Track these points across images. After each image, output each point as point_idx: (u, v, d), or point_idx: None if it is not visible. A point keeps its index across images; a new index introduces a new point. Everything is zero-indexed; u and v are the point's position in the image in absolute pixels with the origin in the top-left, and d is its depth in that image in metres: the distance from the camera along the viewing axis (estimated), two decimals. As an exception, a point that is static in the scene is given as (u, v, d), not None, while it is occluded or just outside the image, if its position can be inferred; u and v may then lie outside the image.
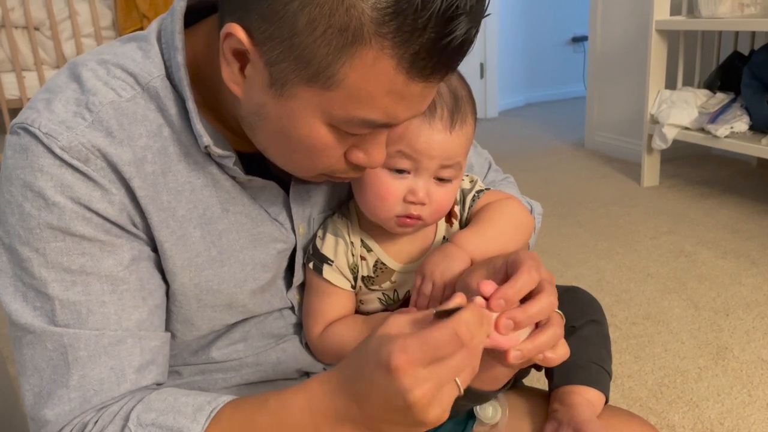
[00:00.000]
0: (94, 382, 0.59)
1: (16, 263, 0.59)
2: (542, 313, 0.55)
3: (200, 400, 0.57)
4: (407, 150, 0.65)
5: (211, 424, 0.55)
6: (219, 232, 0.65)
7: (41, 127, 0.57)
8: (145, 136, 0.60)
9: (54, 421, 0.58)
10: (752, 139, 2.39)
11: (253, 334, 0.72)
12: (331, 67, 0.51)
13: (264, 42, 0.52)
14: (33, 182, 0.57)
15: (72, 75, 0.61)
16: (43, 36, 3.01)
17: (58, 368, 0.58)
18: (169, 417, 0.56)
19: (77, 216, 0.58)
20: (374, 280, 0.73)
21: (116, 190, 0.59)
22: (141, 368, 0.61)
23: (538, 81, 5.06)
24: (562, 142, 3.78)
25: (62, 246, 0.58)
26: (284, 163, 0.62)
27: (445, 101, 0.66)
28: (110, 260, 0.60)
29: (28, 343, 0.59)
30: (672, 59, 2.77)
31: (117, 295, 0.60)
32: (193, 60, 0.61)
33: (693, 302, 1.83)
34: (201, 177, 0.63)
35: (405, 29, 0.49)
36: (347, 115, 0.54)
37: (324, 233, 0.73)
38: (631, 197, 2.75)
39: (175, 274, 0.64)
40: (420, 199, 0.67)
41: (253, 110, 0.58)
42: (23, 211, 0.57)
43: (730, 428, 1.33)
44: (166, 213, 0.62)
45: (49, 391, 0.58)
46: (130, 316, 0.61)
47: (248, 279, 0.68)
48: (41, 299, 0.58)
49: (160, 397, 0.58)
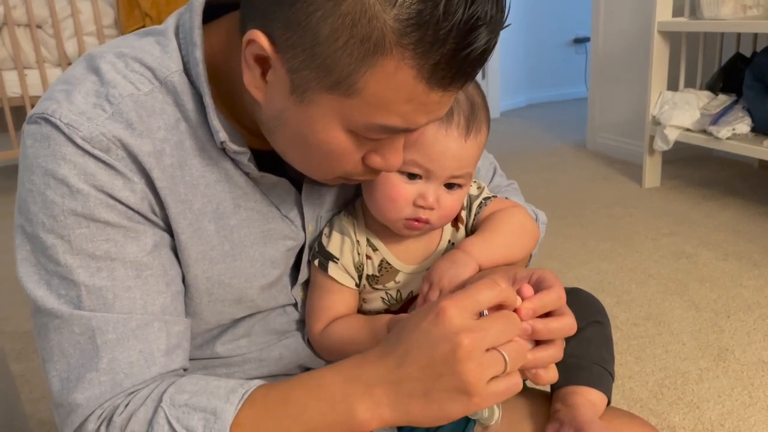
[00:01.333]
0: (123, 365, 0.59)
1: (40, 251, 0.59)
2: (561, 332, 0.58)
3: (233, 383, 0.58)
4: (421, 158, 0.66)
5: (244, 405, 0.56)
6: (231, 228, 0.66)
7: (62, 117, 0.57)
8: (164, 129, 0.61)
9: (85, 404, 0.58)
10: (754, 140, 2.39)
11: (257, 329, 0.73)
12: (353, 76, 0.51)
13: (286, 50, 0.52)
14: (56, 170, 0.57)
15: (90, 67, 0.61)
16: (45, 34, 3.01)
17: (86, 352, 0.58)
18: (203, 398, 0.56)
19: (101, 203, 0.58)
20: (379, 279, 0.73)
21: (138, 179, 0.60)
22: (169, 351, 0.62)
23: (540, 82, 5.06)
24: (563, 143, 3.78)
25: (86, 232, 0.58)
26: (302, 166, 0.63)
27: (462, 109, 0.67)
28: (134, 246, 0.60)
29: (54, 328, 0.59)
30: (674, 60, 2.76)
31: (142, 281, 0.60)
32: (210, 57, 0.62)
33: (694, 304, 1.83)
34: (215, 172, 0.64)
35: (426, 40, 0.49)
36: (367, 121, 0.55)
37: (330, 231, 0.73)
38: (632, 198, 2.75)
39: (189, 266, 0.65)
40: (429, 204, 0.68)
41: (273, 115, 0.58)
42: (46, 198, 0.58)
43: (731, 430, 1.33)
44: (183, 205, 0.62)
45: (78, 375, 0.58)
46: (155, 300, 0.61)
47: (258, 275, 0.68)
48: (66, 286, 0.59)
49: (191, 380, 0.59)
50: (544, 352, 0.57)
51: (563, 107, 4.87)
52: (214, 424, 0.55)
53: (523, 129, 4.23)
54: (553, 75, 5.09)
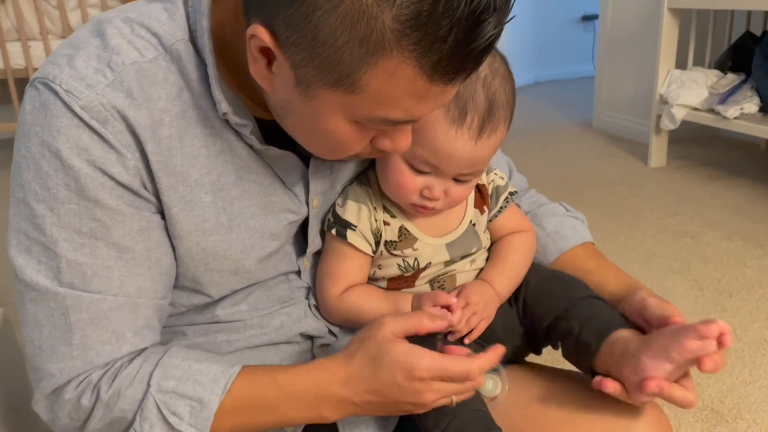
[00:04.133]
0: (95, 343, 0.62)
1: (28, 218, 0.60)
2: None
3: (214, 371, 0.63)
4: (430, 156, 0.67)
5: (226, 395, 0.62)
6: (231, 199, 0.66)
7: (62, 83, 0.57)
8: (165, 99, 0.60)
9: (58, 375, 0.61)
10: (762, 120, 2.37)
11: (258, 295, 0.73)
12: (354, 74, 0.51)
13: (288, 46, 0.52)
14: (51, 142, 0.58)
15: (96, 31, 0.61)
16: (49, 6, 2.99)
17: (58, 326, 0.61)
18: (189, 386, 0.62)
19: (92, 180, 0.59)
20: (397, 245, 0.74)
21: (131, 155, 0.60)
22: (138, 332, 0.64)
23: (547, 59, 5.01)
24: (569, 121, 3.76)
25: (75, 209, 0.59)
26: (312, 149, 0.64)
27: (477, 109, 0.66)
28: (119, 230, 0.61)
29: (31, 299, 0.61)
30: (683, 38, 2.73)
31: (122, 262, 0.62)
32: (218, 27, 0.61)
33: (697, 283, 1.83)
34: (217, 143, 0.64)
35: (427, 39, 0.49)
36: (370, 115, 0.55)
37: (345, 200, 0.74)
38: (638, 178, 2.74)
39: (182, 238, 0.65)
40: (435, 196, 0.70)
41: (280, 104, 0.59)
42: (40, 169, 0.58)
43: (731, 407, 1.34)
44: (176, 178, 0.62)
45: (51, 346, 0.61)
46: (132, 282, 0.63)
47: (255, 246, 0.69)
48: (47, 255, 0.60)
49: (173, 362, 0.63)
50: (680, 391, 0.66)
51: (570, 85, 4.84)
52: (200, 412, 0.62)
53: (530, 107, 4.20)
54: (561, 53, 5.04)
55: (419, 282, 0.77)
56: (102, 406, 0.61)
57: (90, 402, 0.61)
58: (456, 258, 0.76)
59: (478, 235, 0.78)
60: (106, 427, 0.63)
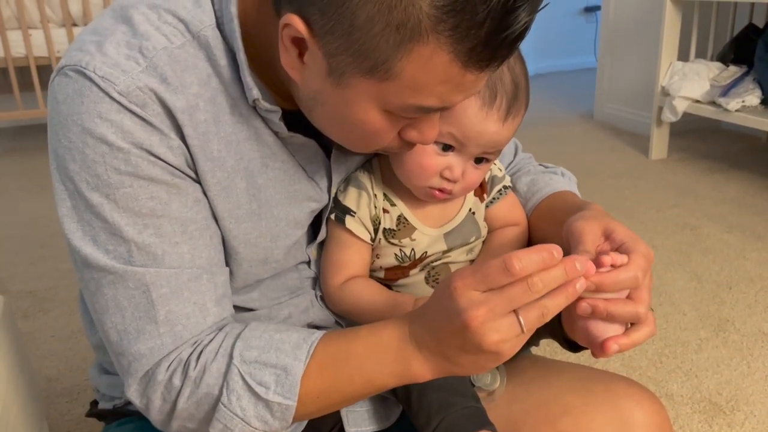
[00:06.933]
0: (180, 317, 0.61)
1: (86, 208, 0.59)
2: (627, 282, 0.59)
3: (295, 338, 0.62)
4: (458, 132, 0.68)
5: (310, 360, 0.60)
6: (258, 186, 0.66)
7: (96, 70, 0.57)
8: (197, 84, 0.60)
9: (149, 354, 0.61)
10: (764, 113, 2.37)
11: (269, 283, 0.73)
12: (389, 61, 0.51)
13: (323, 35, 0.52)
14: (93, 129, 0.57)
15: (121, 17, 0.60)
16: (50, -6, 2.98)
17: (141, 305, 0.60)
18: (271, 354, 0.61)
19: (142, 160, 0.58)
20: (396, 234, 0.75)
21: (174, 136, 0.60)
22: (218, 301, 0.64)
23: (549, 51, 5.00)
24: (571, 113, 3.76)
25: (130, 191, 0.59)
26: (341, 140, 0.64)
27: (506, 91, 0.68)
28: (177, 202, 0.61)
29: (108, 283, 0.60)
30: (686, 30, 2.72)
31: (188, 236, 0.62)
32: (242, 16, 0.61)
33: (696, 275, 1.84)
34: (245, 130, 0.64)
35: (463, 26, 0.49)
36: (403, 102, 0.55)
37: (346, 186, 0.74)
38: (638, 170, 2.74)
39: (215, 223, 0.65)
40: (455, 176, 0.70)
41: (310, 95, 0.59)
42: (86, 157, 0.58)
43: (728, 398, 1.35)
44: (213, 163, 0.63)
45: (137, 327, 0.61)
46: (201, 254, 0.63)
47: (281, 235, 0.69)
48: (115, 242, 0.60)
49: (254, 334, 0.62)
50: (639, 333, 0.60)
51: (572, 77, 4.83)
52: (286, 380, 0.60)
53: (531, 98, 4.16)
54: (563, 44, 5.03)
55: (413, 271, 0.77)
56: (190, 383, 0.60)
57: (180, 380, 0.61)
58: (455, 247, 0.77)
59: (478, 224, 0.79)
60: (194, 405, 0.61)
